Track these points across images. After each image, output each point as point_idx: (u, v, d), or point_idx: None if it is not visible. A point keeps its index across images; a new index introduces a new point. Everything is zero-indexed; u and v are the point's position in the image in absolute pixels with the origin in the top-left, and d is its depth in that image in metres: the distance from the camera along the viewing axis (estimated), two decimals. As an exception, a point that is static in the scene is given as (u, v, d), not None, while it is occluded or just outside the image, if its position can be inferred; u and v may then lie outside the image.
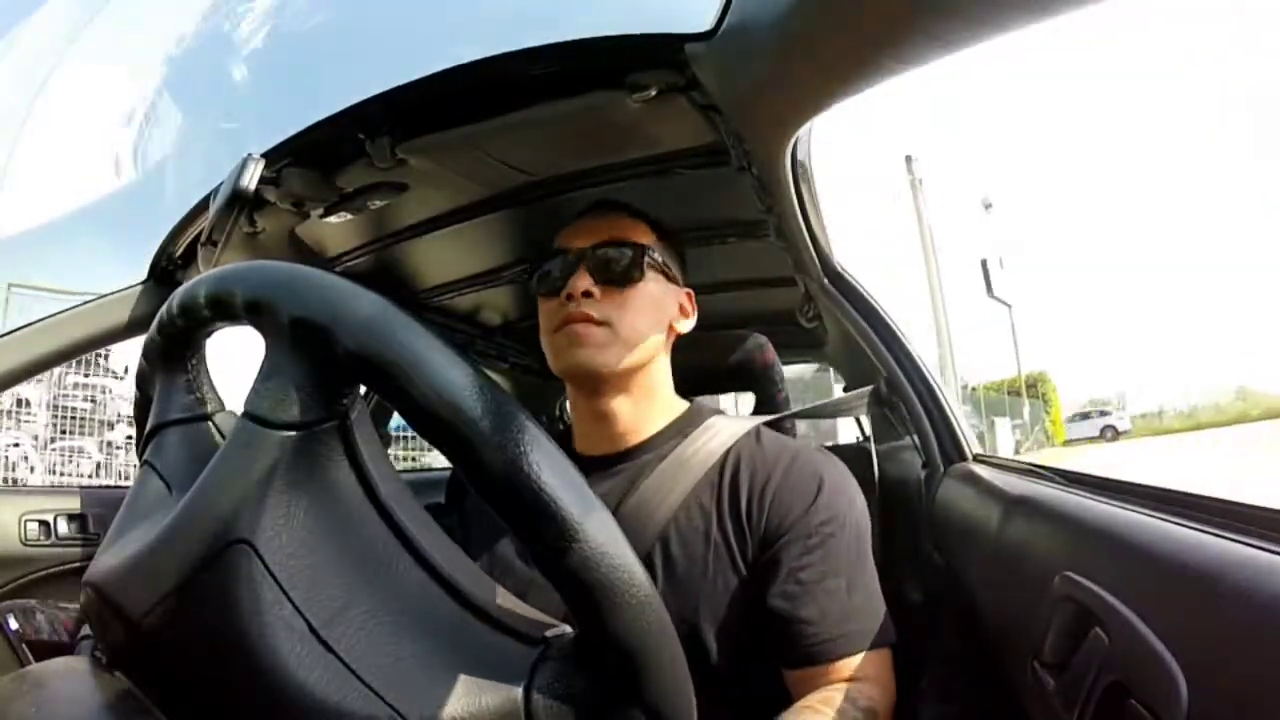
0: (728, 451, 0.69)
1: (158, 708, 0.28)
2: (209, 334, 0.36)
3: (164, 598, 0.27)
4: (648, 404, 0.73)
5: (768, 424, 0.80)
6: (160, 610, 0.27)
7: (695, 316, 0.77)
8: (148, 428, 0.37)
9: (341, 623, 0.27)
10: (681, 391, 0.81)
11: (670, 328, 0.74)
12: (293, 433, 0.28)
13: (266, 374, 0.28)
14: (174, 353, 0.36)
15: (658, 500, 0.67)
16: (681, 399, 0.77)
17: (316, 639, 0.26)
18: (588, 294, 0.67)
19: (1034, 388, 20.99)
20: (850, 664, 0.60)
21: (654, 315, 0.70)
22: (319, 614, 0.27)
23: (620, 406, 0.71)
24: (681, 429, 0.72)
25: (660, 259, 0.71)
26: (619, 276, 0.69)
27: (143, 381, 0.39)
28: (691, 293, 0.77)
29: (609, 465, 0.72)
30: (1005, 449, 15.07)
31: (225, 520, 0.27)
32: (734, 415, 0.77)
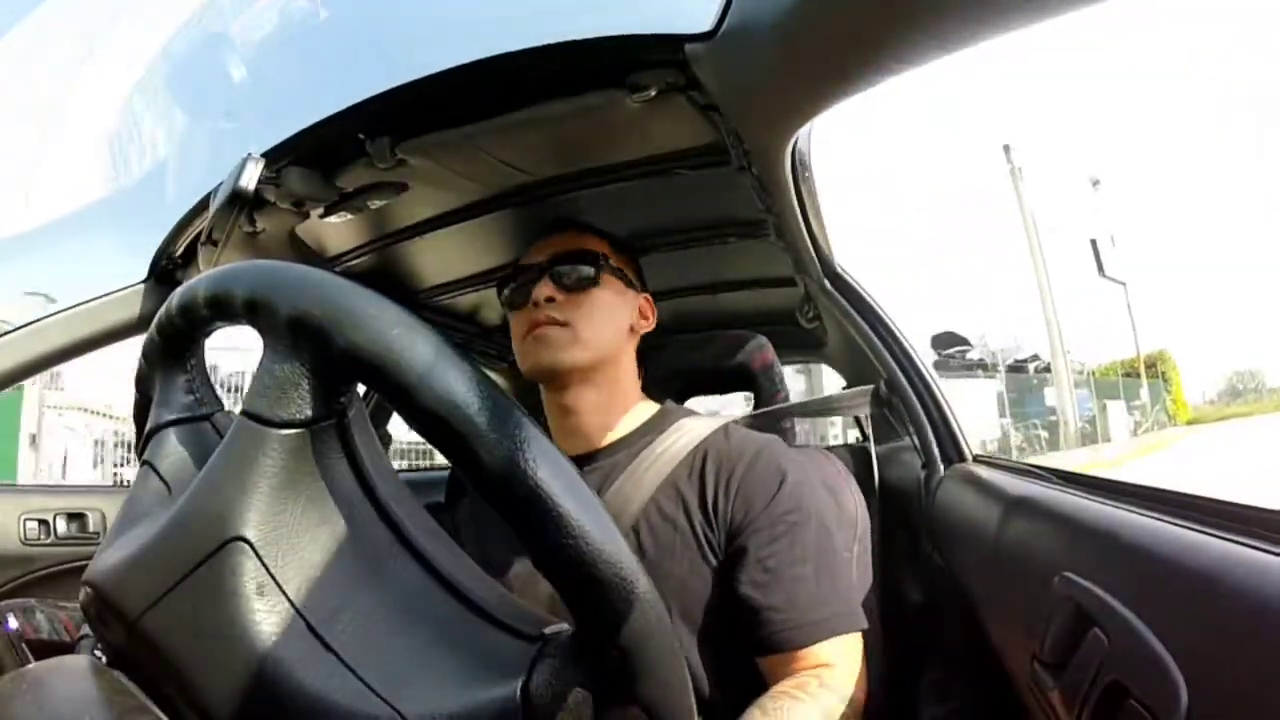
0: (696, 447, 0.72)
1: (156, 706, 0.28)
2: (208, 334, 0.36)
3: (161, 596, 0.27)
4: (613, 401, 0.76)
5: (763, 417, 0.80)
6: (158, 608, 0.27)
7: (654, 319, 0.82)
8: (147, 428, 0.37)
9: (339, 620, 0.27)
10: (681, 392, 0.81)
11: (630, 329, 0.79)
12: (291, 431, 0.28)
13: (264, 372, 0.28)
14: (173, 353, 0.36)
15: (629, 496, 0.69)
16: (653, 402, 0.80)
17: (314, 636, 0.27)
18: (550, 299, 0.73)
19: (1153, 367, 20.37)
20: (821, 650, 0.62)
21: (611, 316, 0.76)
22: (316, 611, 0.27)
23: (586, 401, 0.75)
24: (652, 429, 0.75)
25: (615, 266, 0.77)
26: (576, 282, 0.75)
27: (142, 382, 0.39)
28: (649, 297, 0.82)
29: (581, 465, 0.73)
30: (1119, 432, 14.34)
31: (222, 518, 0.27)
32: (708, 415, 0.79)
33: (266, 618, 0.26)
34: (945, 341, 17.49)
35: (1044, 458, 12.35)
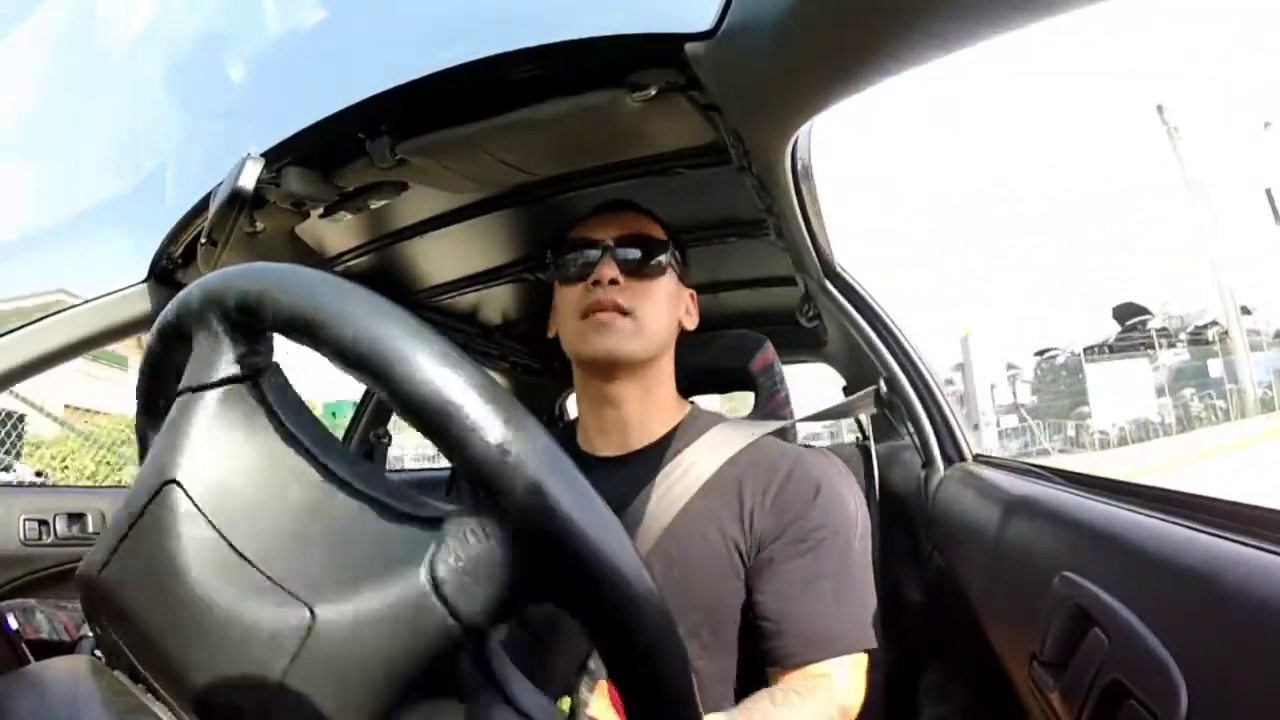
0: (732, 459, 0.71)
1: (155, 705, 0.29)
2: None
3: (113, 548, 0.29)
4: (654, 396, 0.75)
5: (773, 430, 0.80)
6: (112, 561, 0.30)
7: (697, 316, 0.81)
8: (137, 429, 0.37)
9: (261, 540, 0.29)
10: (681, 392, 0.82)
11: (679, 324, 0.77)
12: (215, 390, 0.31)
13: (195, 354, 0.32)
14: (169, 360, 0.37)
15: (660, 504, 0.69)
16: (684, 401, 0.80)
17: (238, 555, 0.28)
18: (614, 282, 0.70)
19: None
20: (830, 665, 0.62)
21: (669, 309, 0.74)
22: (241, 535, 0.29)
23: (629, 394, 0.74)
24: (685, 434, 0.74)
25: (676, 255, 0.76)
26: (643, 268, 0.72)
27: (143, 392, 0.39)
28: (694, 294, 0.81)
29: (615, 466, 0.73)
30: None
31: (160, 467, 0.30)
32: (737, 421, 0.79)
33: (198, 549, 0.28)
34: (1126, 313, 17.16)
35: (1220, 429, 11.92)
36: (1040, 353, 18.78)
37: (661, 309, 0.73)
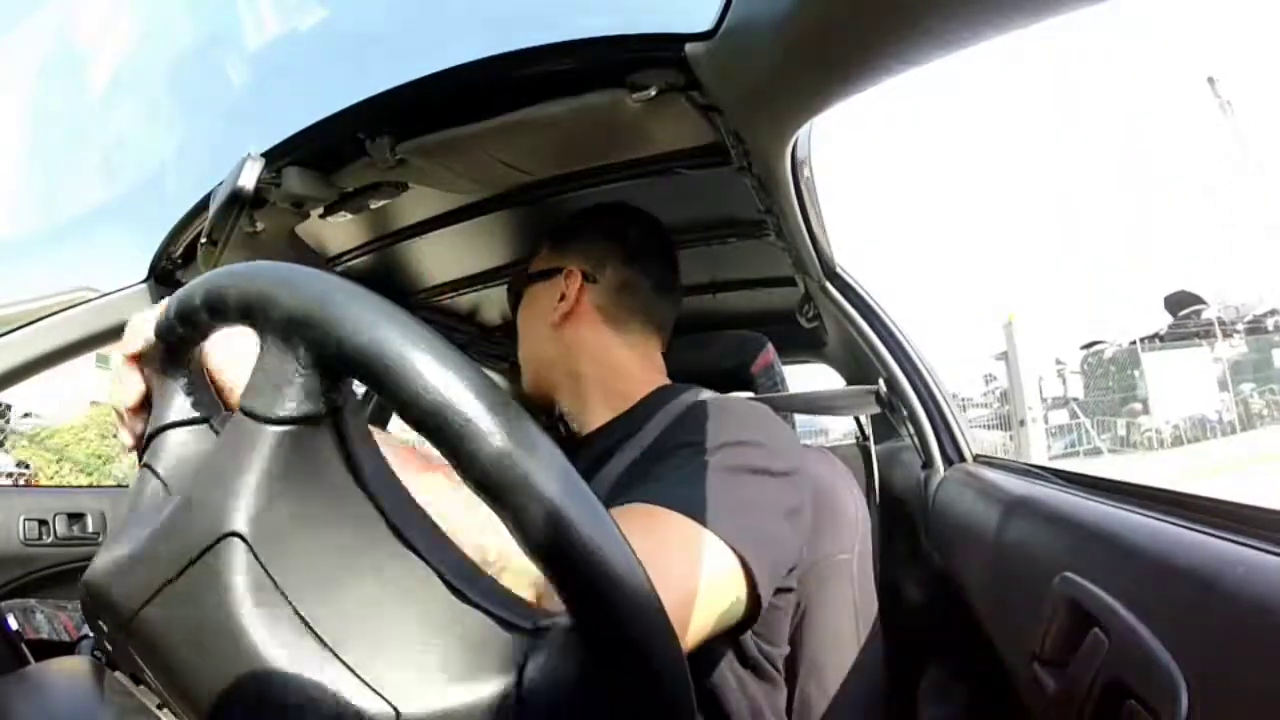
0: (673, 421, 0.67)
1: (156, 701, 0.29)
2: (205, 336, 0.37)
3: (156, 593, 0.27)
4: (590, 394, 0.74)
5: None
6: (153, 605, 0.27)
7: (577, 291, 0.74)
8: (147, 431, 0.37)
9: (334, 615, 0.27)
10: None
11: (554, 322, 0.74)
12: (286, 427, 0.28)
13: (259, 370, 0.28)
14: (171, 358, 0.37)
15: (599, 482, 0.64)
16: (651, 383, 0.74)
17: (310, 631, 0.27)
18: None
19: None
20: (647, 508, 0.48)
21: (529, 333, 0.79)
22: (312, 607, 0.27)
23: (562, 407, 0.76)
24: (648, 412, 0.70)
25: (530, 272, 0.78)
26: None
27: None
28: (572, 270, 0.75)
29: (576, 447, 0.72)
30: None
31: (217, 514, 0.27)
32: (703, 391, 0.73)
33: (261, 613, 0.26)
34: (1179, 302, 16.57)
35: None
36: (1087, 346, 17.88)
37: (521, 336, 0.80)
